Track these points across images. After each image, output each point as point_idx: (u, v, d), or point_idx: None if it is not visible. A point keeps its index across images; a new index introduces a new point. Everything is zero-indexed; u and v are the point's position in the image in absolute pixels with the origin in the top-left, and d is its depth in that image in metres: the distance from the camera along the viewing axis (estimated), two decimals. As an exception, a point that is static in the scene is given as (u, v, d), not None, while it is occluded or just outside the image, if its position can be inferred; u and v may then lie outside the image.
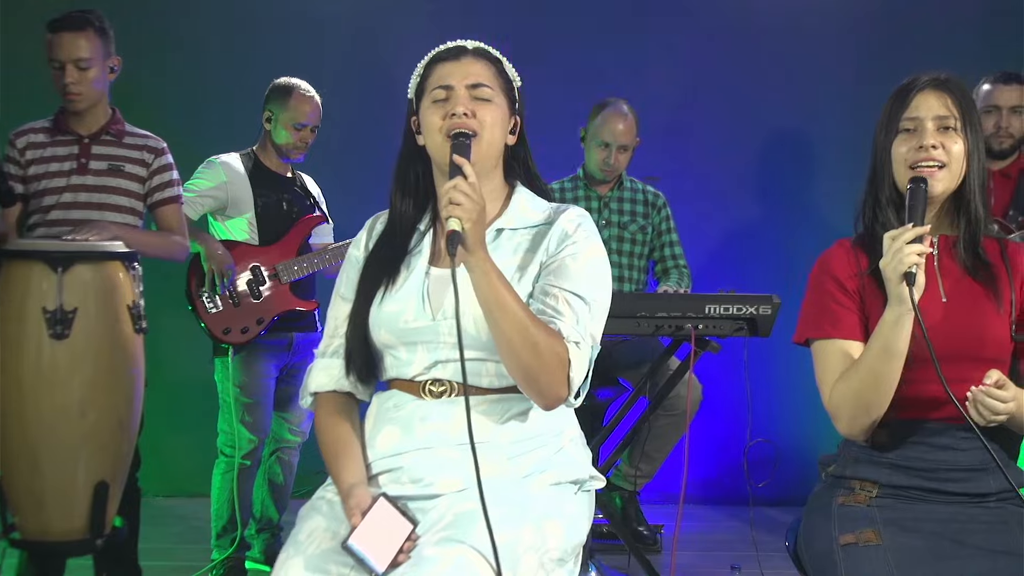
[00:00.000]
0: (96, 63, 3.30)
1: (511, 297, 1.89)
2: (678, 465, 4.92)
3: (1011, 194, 3.94)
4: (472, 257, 1.85)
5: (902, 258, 1.95)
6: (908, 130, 2.12)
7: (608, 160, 4.10)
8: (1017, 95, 3.91)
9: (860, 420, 2.08)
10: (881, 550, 2.00)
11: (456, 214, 1.84)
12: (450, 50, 2.10)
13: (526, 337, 1.87)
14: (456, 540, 1.81)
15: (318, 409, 2.12)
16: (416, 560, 1.82)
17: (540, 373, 1.90)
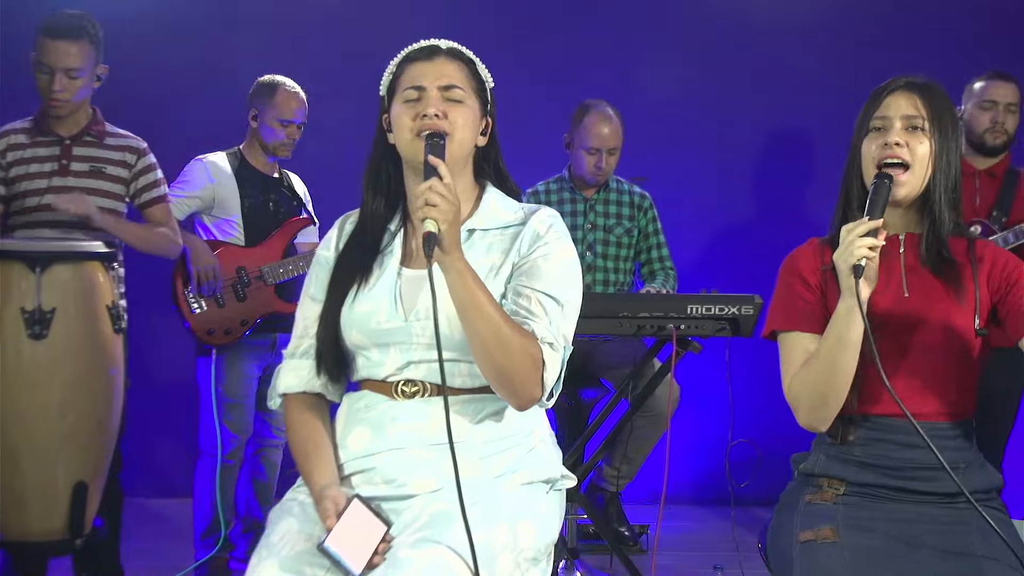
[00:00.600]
0: (86, 72, 3.30)
1: (486, 298, 1.89)
2: (663, 465, 4.93)
3: (996, 193, 3.94)
4: (447, 258, 1.85)
5: (852, 251, 1.97)
6: (877, 129, 2.15)
7: (599, 164, 4.10)
8: (1013, 92, 3.92)
9: (818, 411, 2.10)
10: (837, 547, 2.02)
11: (432, 215, 1.84)
12: (423, 49, 2.10)
13: (500, 338, 1.88)
14: (432, 540, 1.81)
15: (288, 410, 2.11)
16: (392, 561, 1.82)
17: (514, 374, 1.90)
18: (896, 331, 2.10)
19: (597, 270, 4.11)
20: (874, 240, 1.98)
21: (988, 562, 1.97)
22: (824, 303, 2.16)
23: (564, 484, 2.11)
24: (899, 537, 2.03)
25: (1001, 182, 3.95)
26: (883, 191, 2.06)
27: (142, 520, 4.66)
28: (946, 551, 2.00)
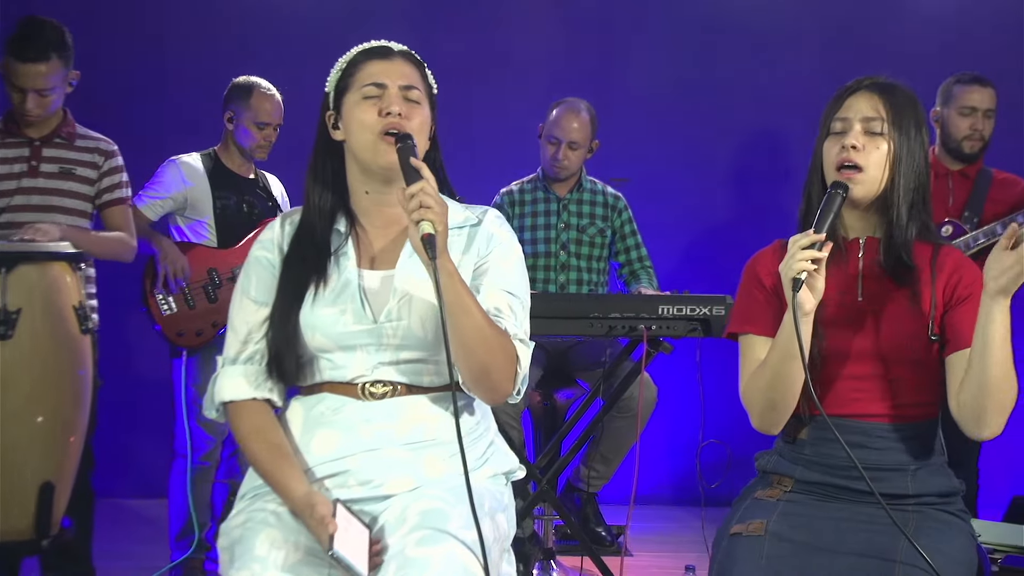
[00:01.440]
0: (57, 86, 3.30)
1: (470, 298, 1.93)
2: (643, 465, 4.93)
3: (968, 194, 3.95)
4: (439, 259, 1.87)
5: (792, 264, 1.98)
6: (838, 131, 2.14)
7: (556, 156, 4.04)
8: (990, 98, 3.92)
9: (768, 416, 2.13)
10: (760, 541, 2.04)
11: (428, 217, 1.85)
12: (378, 48, 2.11)
13: (484, 336, 1.92)
14: (440, 537, 1.82)
15: (236, 419, 2.05)
16: (403, 562, 1.81)
17: (493, 370, 1.95)
18: (847, 334, 2.10)
19: (571, 269, 4.10)
20: (816, 253, 1.98)
21: (904, 567, 1.95)
22: (780, 305, 2.16)
23: (518, 475, 2.17)
24: (825, 535, 2.04)
25: (973, 183, 3.96)
26: (834, 202, 2.06)
27: (121, 520, 4.68)
28: (867, 553, 2.00)
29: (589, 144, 4.10)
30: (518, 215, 4.12)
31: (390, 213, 2.09)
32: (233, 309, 2.10)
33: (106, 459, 4.66)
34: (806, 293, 1.99)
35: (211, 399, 2.08)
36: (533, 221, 4.11)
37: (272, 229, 2.14)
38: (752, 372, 2.15)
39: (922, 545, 1.96)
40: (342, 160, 2.11)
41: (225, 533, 1.97)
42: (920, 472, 2.11)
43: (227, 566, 1.91)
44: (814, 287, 2.01)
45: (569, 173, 4.11)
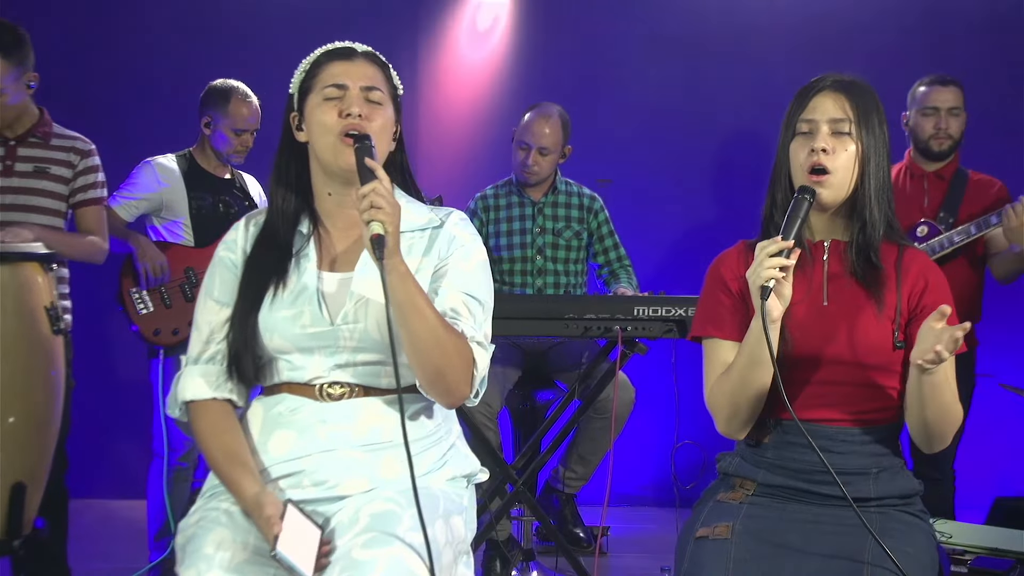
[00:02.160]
0: (8, 88, 3.27)
1: (424, 300, 1.92)
2: (623, 466, 4.94)
3: (943, 195, 3.96)
4: (390, 260, 1.86)
5: (760, 271, 1.97)
6: (804, 132, 2.13)
7: (526, 162, 4.01)
8: (954, 96, 3.93)
9: (734, 421, 2.12)
10: (726, 545, 2.03)
11: (379, 218, 1.85)
12: (341, 50, 2.10)
13: (437, 338, 1.91)
14: (387, 540, 1.82)
15: (196, 418, 2.05)
16: (349, 563, 1.81)
17: (448, 372, 1.94)
18: (812, 339, 2.09)
19: (548, 273, 4.09)
20: (784, 260, 1.97)
21: (870, 568, 1.97)
22: (745, 309, 2.16)
23: (479, 478, 2.16)
24: (791, 538, 2.04)
25: (949, 184, 3.97)
26: (801, 208, 2.05)
27: (102, 521, 4.68)
28: (834, 555, 2.00)
29: (561, 149, 4.06)
30: (493, 220, 4.10)
31: (352, 215, 2.06)
32: (197, 309, 2.11)
33: (87, 460, 4.69)
34: (774, 300, 1.99)
35: (174, 398, 2.08)
36: (508, 226, 4.09)
37: (236, 230, 2.14)
38: (718, 377, 2.14)
39: (888, 546, 1.96)
40: (306, 161, 2.10)
41: (181, 531, 1.98)
42: (882, 475, 2.12)
43: (179, 564, 1.91)
44: (781, 294, 2.00)
45: (539, 179, 4.08)
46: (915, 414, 2.07)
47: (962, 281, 3.94)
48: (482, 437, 3.51)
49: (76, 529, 3.60)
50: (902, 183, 4.03)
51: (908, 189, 4.01)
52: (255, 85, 3.98)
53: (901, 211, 3.89)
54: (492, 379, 3.73)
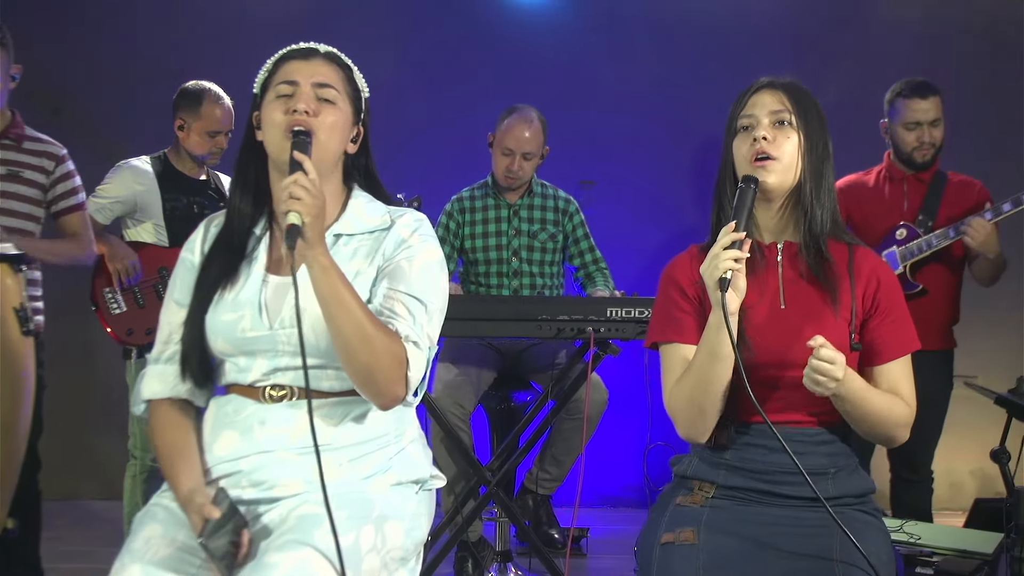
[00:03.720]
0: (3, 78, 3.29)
1: (350, 295, 1.89)
2: (601, 467, 4.95)
3: (923, 198, 3.95)
4: (311, 252, 1.85)
5: (717, 264, 1.97)
6: (745, 127, 2.14)
7: (512, 167, 4.01)
8: (934, 106, 3.89)
9: (696, 423, 2.11)
10: (695, 550, 2.03)
11: (296, 208, 1.84)
12: (301, 49, 2.10)
13: (364, 335, 1.89)
14: (299, 543, 1.81)
15: (153, 417, 2.08)
16: (259, 565, 1.81)
17: (377, 372, 1.91)
18: (771, 342, 2.10)
19: (523, 275, 4.09)
20: (738, 252, 1.98)
21: (841, 566, 1.98)
22: (702, 313, 2.16)
23: (434, 484, 2.14)
24: (758, 540, 2.03)
25: (928, 186, 3.97)
26: (747, 197, 2.06)
27: (85, 522, 4.69)
28: (802, 554, 2.01)
29: (541, 151, 4.09)
30: (469, 222, 4.11)
31: None
32: (163, 309, 2.12)
33: (65, 461, 4.70)
34: (730, 293, 1.99)
35: (137, 397, 2.10)
36: (484, 228, 4.10)
37: (198, 230, 2.15)
38: (676, 379, 2.14)
39: (847, 545, 1.97)
40: (266, 162, 2.10)
41: (135, 521, 1.99)
42: (839, 474, 2.13)
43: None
44: (737, 286, 2.01)
45: (522, 183, 4.10)
46: (849, 422, 2.11)
47: (941, 283, 3.94)
48: (455, 438, 3.51)
49: (54, 530, 3.61)
50: (881, 186, 4.02)
51: (887, 192, 4.00)
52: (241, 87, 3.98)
53: (880, 214, 3.97)
54: (467, 380, 3.78)
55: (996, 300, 4.48)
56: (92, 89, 5.02)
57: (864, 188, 4.05)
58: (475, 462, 3.47)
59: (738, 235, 1.99)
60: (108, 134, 4.75)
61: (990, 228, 3.71)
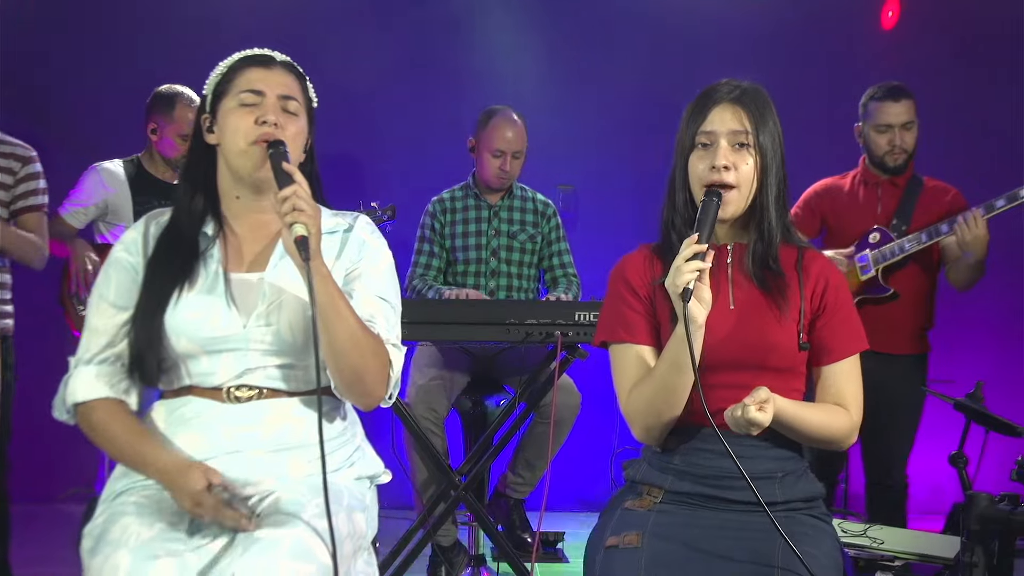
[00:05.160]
0: None
1: (343, 302, 1.94)
2: (576, 471, 4.95)
3: (897, 202, 3.95)
4: (313, 262, 1.88)
5: (680, 276, 1.97)
6: (704, 144, 2.13)
7: (504, 167, 4.05)
8: (906, 110, 3.90)
9: (654, 428, 2.12)
10: (637, 553, 2.03)
11: (302, 219, 1.88)
12: (259, 56, 2.13)
13: (357, 340, 1.94)
14: (293, 520, 1.84)
15: (92, 416, 2.02)
16: (252, 541, 1.82)
17: (366, 374, 1.98)
18: (720, 343, 2.10)
19: (501, 275, 4.11)
20: (700, 263, 1.98)
21: (782, 572, 1.97)
22: (653, 313, 2.17)
23: (383, 479, 2.20)
24: (702, 545, 2.03)
25: (903, 191, 3.97)
26: (711, 209, 2.06)
27: (52, 525, 4.67)
28: (745, 560, 2.00)
29: (526, 149, 4.13)
30: (449, 222, 4.13)
31: (260, 218, 2.10)
32: (90, 309, 2.09)
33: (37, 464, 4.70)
34: (696, 304, 1.99)
35: (61, 401, 2.05)
36: (464, 228, 4.12)
37: (136, 229, 2.13)
38: (635, 384, 2.13)
39: (789, 550, 1.96)
40: (215, 163, 2.11)
41: (88, 535, 1.93)
42: (787, 479, 2.13)
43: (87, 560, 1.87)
44: (702, 298, 2.00)
45: (512, 182, 4.14)
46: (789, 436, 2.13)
47: (916, 288, 3.94)
48: (428, 443, 3.51)
49: (25, 532, 3.60)
50: (856, 190, 4.03)
51: (862, 196, 4.00)
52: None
53: (854, 218, 3.98)
54: (440, 385, 3.79)
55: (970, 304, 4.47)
56: (70, 92, 5.02)
57: (839, 192, 4.06)
58: (444, 467, 3.47)
59: (700, 247, 1.99)
60: (86, 137, 4.75)
61: (985, 224, 3.67)
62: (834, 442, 2.13)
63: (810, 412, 2.09)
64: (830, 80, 5.19)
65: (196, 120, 2.14)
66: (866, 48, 5.26)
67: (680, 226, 2.17)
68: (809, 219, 4.09)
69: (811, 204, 4.10)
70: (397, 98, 5.33)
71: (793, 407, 2.05)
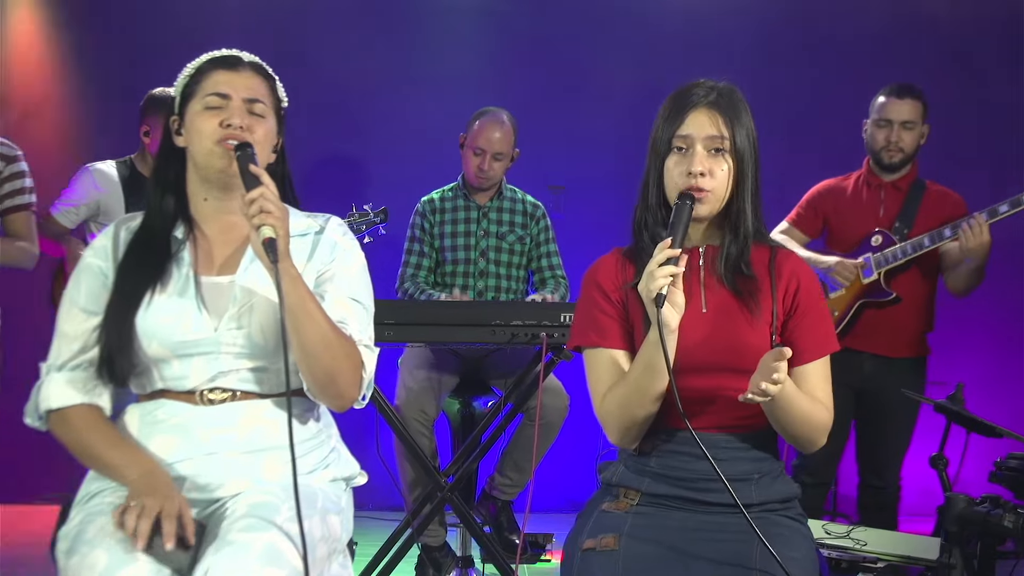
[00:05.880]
0: None
1: (314, 303, 1.95)
2: (565, 472, 4.95)
3: (900, 206, 3.95)
4: (281, 263, 1.88)
5: (654, 281, 1.97)
6: (680, 148, 2.12)
7: (482, 167, 4.04)
8: (910, 109, 3.90)
9: (629, 432, 2.12)
10: (615, 555, 2.03)
11: (269, 221, 1.88)
12: (227, 58, 2.12)
13: (328, 342, 1.95)
14: (264, 524, 1.84)
15: (64, 421, 2.01)
16: (224, 544, 1.82)
17: (339, 376, 1.98)
18: (693, 346, 2.10)
19: (489, 276, 4.11)
20: (673, 268, 1.98)
21: (760, 573, 1.98)
22: (626, 316, 2.17)
23: (358, 481, 2.19)
24: (679, 547, 2.03)
25: (906, 194, 3.96)
26: (684, 213, 2.06)
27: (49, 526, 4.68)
28: (723, 561, 2.01)
29: (511, 153, 4.11)
30: (439, 222, 4.13)
31: (229, 220, 2.10)
32: (61, 314, 2.09)
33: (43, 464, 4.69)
34: (670, 309, 1.99)
35: (34, 407, 2.04)
36: (453, 228, 4.12)
37: (106, 235, 2.14)
38: (610, 388, 2.13)
39: (767, 551, 1.97)
40: (185, 165, 2.12)
41: (64, 537, 1.94)
42: (763, 480, 2.13)
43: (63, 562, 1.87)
44: (675, 302, 2.00)
45: (493, 183, 4.12)
46: (772, 424, 2.11)
47: (917, 291, 3.94)
48: (416, 444, 3.51)
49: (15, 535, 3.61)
50: (859, 192, 4.02)
51: (865, 198, 4.00)
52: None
53: (857, 220, 3.97)
54: (429, 387, 3.78)
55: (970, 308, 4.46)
56: (61, 93, 5.04)
57: (842, 193, 4.06)
58: (431, 469, 3.47)
59: (673, 252, 1.99)
60: (78, 138, 4.77)
61: (988, 229, 3.66)
62: (813, 435, 2.11)
63: (801, 396, 2.07)
64: (825, 82, 5.18)
65: (165, 122, 2.14)
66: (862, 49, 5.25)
67: (652, 227, 2.17)
68: (812, 219, 4.09)
69: (814, 204, 4.10)
70: (390, 100, 5.34)
71: (792, 383, 2.03)
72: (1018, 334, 5.32)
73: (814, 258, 3.99)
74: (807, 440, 2.11)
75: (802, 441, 2.12)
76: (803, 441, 2.12)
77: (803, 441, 2.12)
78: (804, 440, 2.11)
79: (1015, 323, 5.33)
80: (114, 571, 1.78)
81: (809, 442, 2.12)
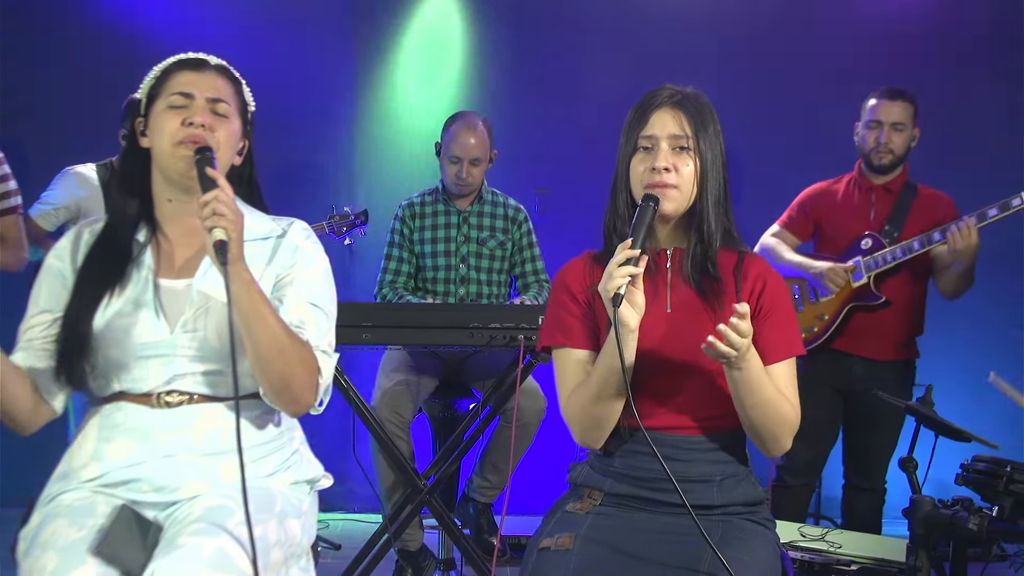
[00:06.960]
0: None
1: (267, 308, 1.94)
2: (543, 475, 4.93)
3: (890, 209, 3.94)
4: (234, 267, 1.88)
5: (612, 282, 1.97)
6: (645, 148, 2.14)
7: (460, 174, 4.01)
8: (900, 111, 3.90)
9: (592, 431, 2.13)
10: (569, 555, 2.03)
11: (222, 224, 1.88)
12: (192, 60, 2.13)
13: (281, 347, 1.94)
14: (215, 529, 1.83)
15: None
16: (172, 547, 1.82)
17: (293, 381, 1.98)
18: (657, 347, 2.10)
19: (470, 282, 4.09)
20: (632, 268, 1.98)
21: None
22: (593, 318, 2.18)
23: (322, 484, 2.19)
24: (631, 548, 2.04)
25: (896, 197, 3.95)
26: (646, 215, 2.07)
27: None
28: (673, 564, 2.00)
29: (489, 156, 4.09)
30: (419, 227, 4.11)
31: (192, 223, 2.09)
32: (26, 322, 2.10)
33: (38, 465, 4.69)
34: (629, 309, 2.00)
35: None
36: (433, 234, 4.10)
37: (68, 237, 2.15)
38: (573, 388, 2.14)
39: (727, 554, 1.96)
40: (149, 168, 2.12)
41: (23, 538, 1.95)
42: (726, 482, 2.13)
43: (21, 563, 1.88)
44: (635, 302, 2.01)
45: (472, 189, 4.10)
46: (739, 413, 2.09)
47: (907, 295, 3.93)
48: (394, 447, 3.51)
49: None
50: (850, 194, 4.02)
51: (856, 201, 3.99)
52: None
53: (847, 222, 3.97)
54: (405, 389, 3.78)
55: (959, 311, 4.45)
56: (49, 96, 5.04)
57: (833, 196, 4.06)
58: (408, 471, 3.47)
59: (633, 252, 1.99)
60: (65, 141, 4.77)
61: (977, 233, 3.66)
62: (778, 431, 2.08)
63: (768, 382, 2.05)
64: (821, 84, 5.18)
65: (131, 124, 2.14)
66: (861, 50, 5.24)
67: (622, 230, 2.17)
68: (802, 222, 4.09)
69: (805, 207, 4.10)
70: (371, 103, 5.33)
71: (759, 363, 2.02)
72: (1008, 337, 5.31)
73: (806, 263, 3.98)
74: (772, 437, 2.08)
75: (767, 438, 2.09)
76: (768, 438, 2.09)
77: (768, 438, 2.09)
78: (770, 437, 2.08)
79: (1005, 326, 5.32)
80: (62, 574, 1.79)
81: (774, 439, 2.09)
